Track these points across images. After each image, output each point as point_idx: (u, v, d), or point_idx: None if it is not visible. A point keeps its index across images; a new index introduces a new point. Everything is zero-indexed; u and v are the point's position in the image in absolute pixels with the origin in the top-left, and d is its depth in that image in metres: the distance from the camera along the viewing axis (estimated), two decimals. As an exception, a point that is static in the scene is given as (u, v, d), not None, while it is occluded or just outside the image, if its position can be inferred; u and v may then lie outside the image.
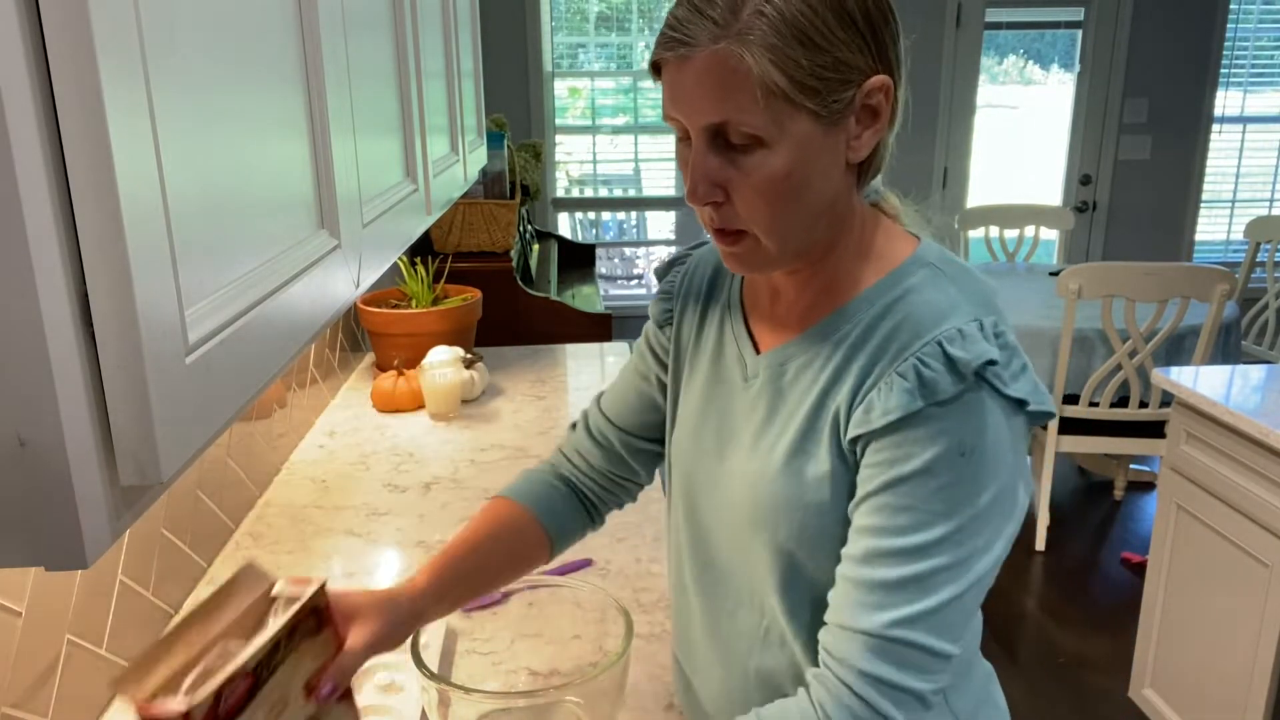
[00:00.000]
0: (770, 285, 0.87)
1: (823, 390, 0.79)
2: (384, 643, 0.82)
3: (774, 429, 0.82)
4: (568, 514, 1.03)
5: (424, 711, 1.00)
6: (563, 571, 1.37)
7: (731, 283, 0.92)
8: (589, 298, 3.31)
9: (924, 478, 0.72)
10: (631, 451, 1.04)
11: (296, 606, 0.74)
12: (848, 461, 0.77)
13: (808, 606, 0.82)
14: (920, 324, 0.75)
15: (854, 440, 0.76)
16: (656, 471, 1.08)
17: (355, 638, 0.80)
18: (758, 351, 0.86)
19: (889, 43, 0.74)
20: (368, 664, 1.12)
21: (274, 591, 0.77)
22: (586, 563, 1.39)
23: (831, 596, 0.77)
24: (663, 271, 1.00)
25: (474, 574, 0.94)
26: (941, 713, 0.83)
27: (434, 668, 0.92)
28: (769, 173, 0.72)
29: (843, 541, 0.78)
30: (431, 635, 0.97)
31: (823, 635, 0.77)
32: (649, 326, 1.01)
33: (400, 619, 0.85)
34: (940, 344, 0.73)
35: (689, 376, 0.94)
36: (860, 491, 0.76)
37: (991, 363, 0.72)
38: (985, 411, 0.72)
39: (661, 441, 1.04)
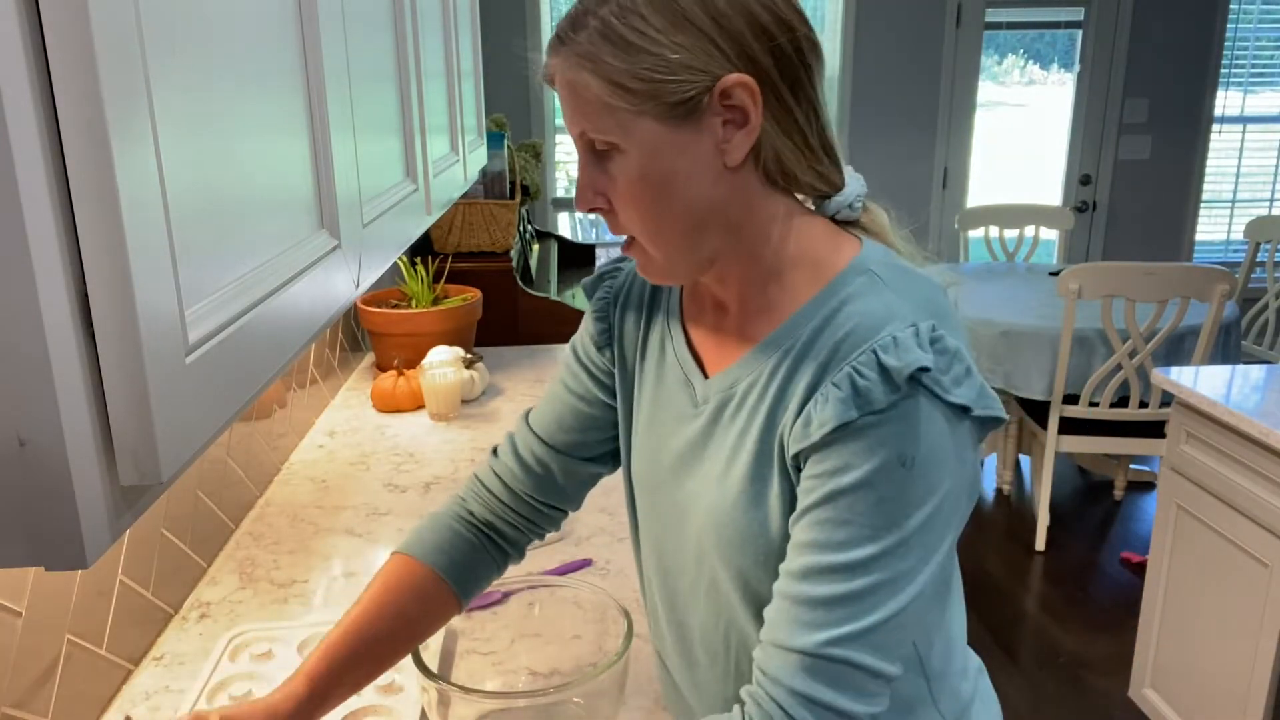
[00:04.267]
0: (714, 299, 0.84)
1: (769, 410, 0.77)
2: None
3: (726, 454, 0.80)
4: (475, 563, 0.97)
5: (424, 711, 1.00)
6: (562, 571, 1.37)
7: (669, 299, 0.90)
8: (589, 298, 3.30)
9: (864, 490, 0.70)
10: (568, 475, 0.98)
11: None
12: (793, 480, 0.75)
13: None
14: (860, 335, 0.72)
15: (795, 456, 0.74)
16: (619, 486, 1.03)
17: None
18: (705, 375, 0.84)
19: (753, 42, 0.72)
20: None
21: None
22: (586, 562, 1.39)
23: (768, 613, 0.74)
24: (591, 288, 0.97)
25: (366, 656, 0.90)
26: (930, 713, 0.83)
27: (434, 668, 0.92)
28: (627, 177, 0.74)
29: None
30: (431, 635, 0.97)
31: (757, 653, 0.74)
32: (579, 345, 0.97)
33: None
34: (875, 352, 0.70)
35: (639, 399, 0.91)
36: (800, 505, 0.73)
37: (924, 369, 0.69)
38: (925, 419, 0.70)
39: (597, 461, 0.99)
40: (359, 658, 0.89)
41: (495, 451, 1.02)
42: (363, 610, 0.91)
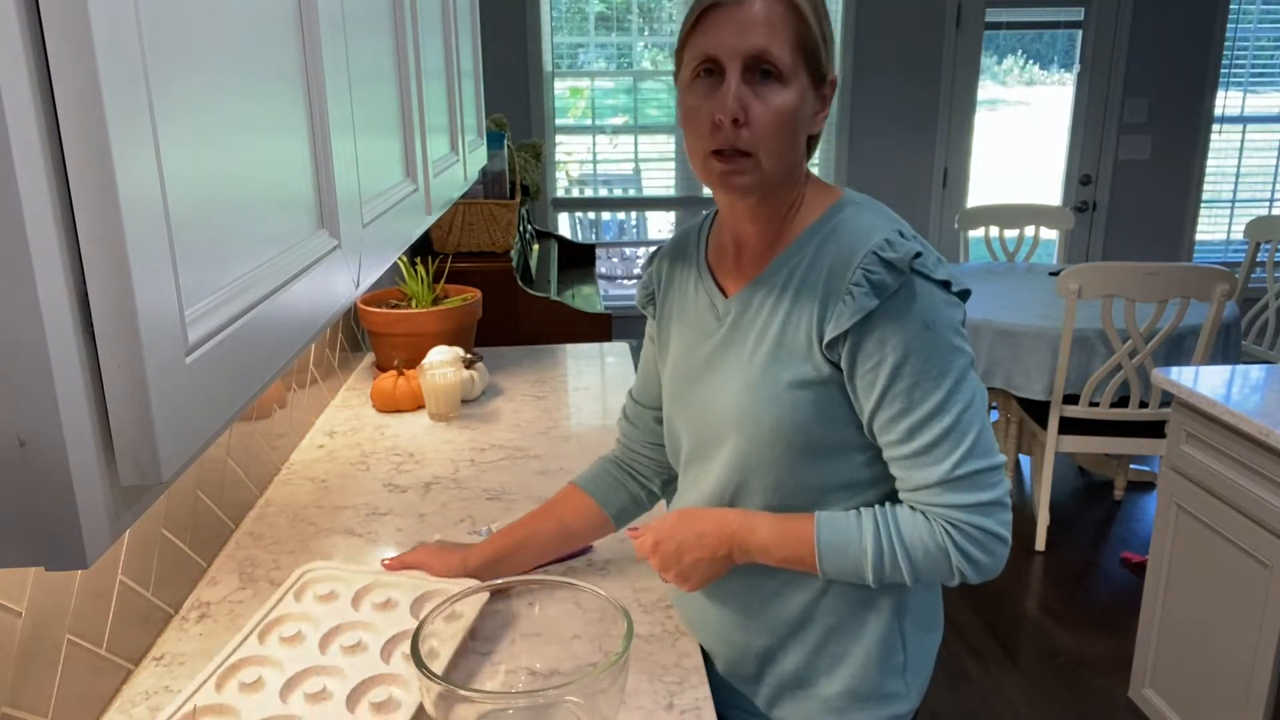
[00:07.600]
0: (735, 240, 1.09)
1: (787, 312, 1.02)
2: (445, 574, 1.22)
3: (749, 348, 1.05)
4: (623, 494, 1.29)
5: (424, 710, 1.00)
6: (564, 558, 1.37)
7: (697, 254, 1.16)
8: (589, 298, 3.31)
9: (910, 357, 0.95)
10: (657, 421, 1.27)
11: None
12: (820, 368, 0.99)
13: (760, 496, 1.05)
14: (854, 244, 0.98)
15: (831, 342, 0.97)
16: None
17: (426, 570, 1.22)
18: (726, 296, 1.09)
19: (834, 59, 1.02)
20: (368, 664, 1.11)
21: None
22: (587, 549, 1.40)
23: (899, 479, 1.00)
24: (646, 265, 1.25)
25: (526, 547, 1.26)
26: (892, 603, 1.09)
27: (434, 668, 0.92)
28: (781, 103, 0.96)
29: (808, 431, 1.00)
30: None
31: (903, 506, 1.00)
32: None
33: (453, 569, 1.23)
34: (876, 253, 0.96)
35: (674, 336, 1.16)
36: (874, 396, 0.97)
37: (918, 255, 0.96)
38: (925, 293, 0.96)
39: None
40: (515, 548, 1.25)
41: (623, 416, 1.33)
42: (531, 515, 1.28)
